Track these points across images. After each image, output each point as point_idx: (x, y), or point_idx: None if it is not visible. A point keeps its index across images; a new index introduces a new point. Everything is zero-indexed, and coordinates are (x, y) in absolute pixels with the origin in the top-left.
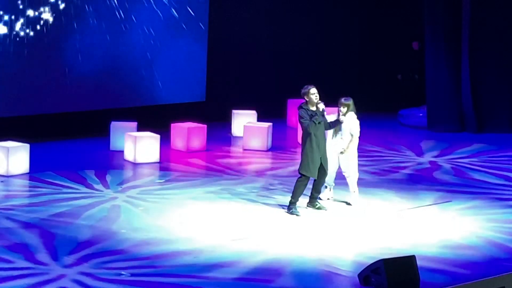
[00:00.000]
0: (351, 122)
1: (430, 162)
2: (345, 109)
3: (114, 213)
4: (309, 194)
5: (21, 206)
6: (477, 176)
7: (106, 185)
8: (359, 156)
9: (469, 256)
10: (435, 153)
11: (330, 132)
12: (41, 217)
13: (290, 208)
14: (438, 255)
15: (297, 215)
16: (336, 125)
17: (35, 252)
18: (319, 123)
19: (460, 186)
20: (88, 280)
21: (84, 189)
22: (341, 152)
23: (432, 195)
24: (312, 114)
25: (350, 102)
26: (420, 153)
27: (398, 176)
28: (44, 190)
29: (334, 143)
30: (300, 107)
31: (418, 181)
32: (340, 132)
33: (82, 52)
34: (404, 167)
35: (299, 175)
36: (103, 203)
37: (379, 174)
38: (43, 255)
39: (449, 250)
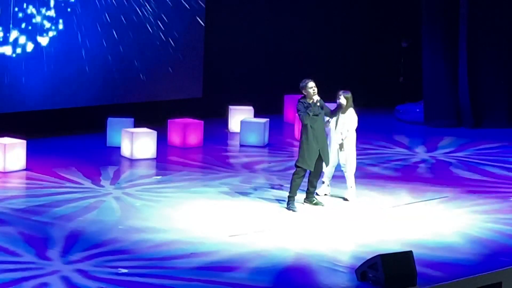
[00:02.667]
0: (349, 118)
1: (426, 157)
2: (344, 101)
3: (110, 209)
4: (305, 190)
5: (17, 203)
6: (474, 170)
7: (103, 182)
8: (356, 152)
9: (467, 251)
10: (431, 148)
11: (332, 126)
12: (38, 213)
13: (288, 203)
14: (435, 249)
15: (293, 210)
16: (337, 110)
17: (31, 247)
18: (314, 115)
19: (457, 180)
20: (76, 277)
21: (81, 185)
22: (341, 149)
23: (429, 190)
24: (308, 106)
25: (349, 95)
26: (416, 148)
27: (394, 171)
28: (41, 186)
29: (335, 138)
30: (299, 100)
31: (415, 176)
32: (340, 126)
33: (79, 48)
34: (400, 163)
35: (295, 168)
36: (99, 199)
37: (375, 170)
38: (38, 251)
39: (446, 245)
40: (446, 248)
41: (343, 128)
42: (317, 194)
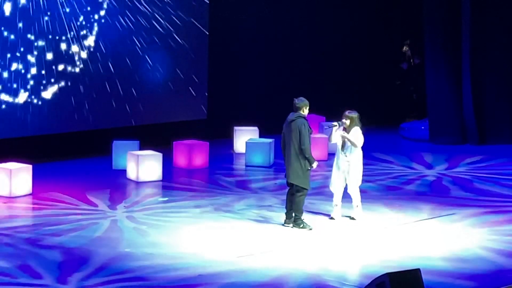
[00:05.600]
0: (355, 136)
1: (433, 175)
2: (348, 121)
3: (117, 233)
4: (287, 212)
5: (25, 227)
6: (480, 187)
7: (109, 205)
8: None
9: (475, 268)
10: (437, 165)
11: (339, 147)
12: (45, 238)
13: (300, 223)
14: (443, 267)
15: (308, 228)
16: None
17: (39, 272)
18: None
19: (463, 198)
20: None
21: (87, 209)
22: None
23: (435, 207)
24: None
25: (354, 115)
26: (422, 166)
27: (401, 189)
28: (47, 211)
29: (341, 159)
30: (305, 118)
31: (422, 194)
32: (347, 148)
33: (84, 72)
34: (407, 180)
35: (299, 190)
36: (106, 222)
37: (382, 188)
38: (45, 275)
39: (455, 262)
40: (454, 264)
41: (350, 148)
42: (332, 218)
